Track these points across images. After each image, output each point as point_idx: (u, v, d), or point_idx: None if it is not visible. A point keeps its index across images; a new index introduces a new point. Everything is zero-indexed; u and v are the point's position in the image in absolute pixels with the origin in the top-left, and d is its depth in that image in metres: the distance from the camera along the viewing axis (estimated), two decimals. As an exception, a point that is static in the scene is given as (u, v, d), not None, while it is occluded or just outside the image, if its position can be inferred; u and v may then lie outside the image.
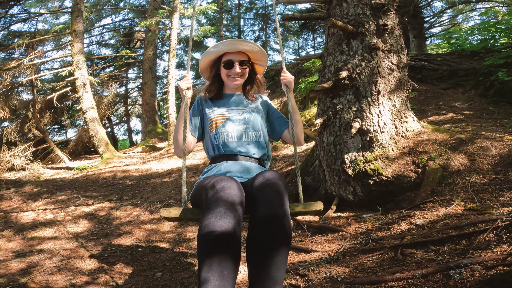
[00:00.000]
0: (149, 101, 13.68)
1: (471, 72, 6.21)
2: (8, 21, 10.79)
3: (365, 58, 3.05)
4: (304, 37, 22.24)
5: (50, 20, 14.49)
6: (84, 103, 9.11)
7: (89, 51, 15.66)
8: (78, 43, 9.29)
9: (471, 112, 4.99)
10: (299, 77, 9.23)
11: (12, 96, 9.85)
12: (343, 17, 3.23)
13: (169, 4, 13.68)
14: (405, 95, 3.19)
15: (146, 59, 13.70)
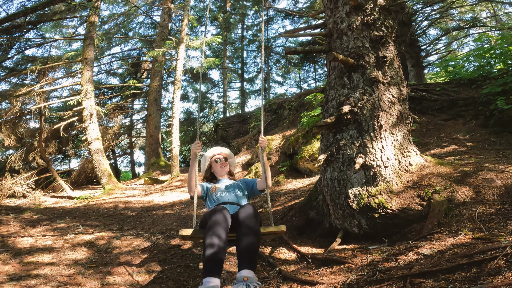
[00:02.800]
0: (153, 133, 13.78)
1: (470, 102, 6.26)
2: (23, 45, 11.09)
3: (366, 91, 3.12)
4: (305, 69, 22.65)
5: (63, 46, 14.96)
6: (90, 134, 9.21)
7: (98, 79, 16.04)
8: (88, 72, 9.57)
9: (473, 143, 5.00)
10: (301, 110, 9.35)
11: (19, 123, 9.98)
12: (343, 50, 3.33)
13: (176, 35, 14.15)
14: (407, 129, 3.22)
15: (152, 90, 13.97)
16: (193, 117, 20.95)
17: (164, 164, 13.33)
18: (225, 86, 21.23)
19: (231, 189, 2.86)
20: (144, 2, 17.66)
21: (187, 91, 20.74)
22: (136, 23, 18.10)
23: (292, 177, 6.67)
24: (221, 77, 22.37)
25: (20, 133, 9.94)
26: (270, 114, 11.97)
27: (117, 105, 14.35)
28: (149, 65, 16.23)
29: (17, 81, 11.31)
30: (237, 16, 21.48)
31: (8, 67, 11.09)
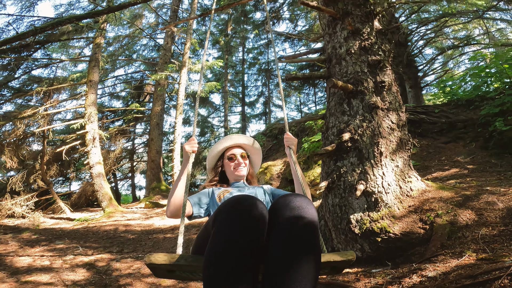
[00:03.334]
0: (154, 158, 13.82)
1: (469, 124, 6.29)
2: (30, 66, 11.22)
3: (366, 118, 3.17)
4: (306, 92, 22.75)
5: (68, 67, 15.23)
6: (92, 158, 9.26)
7: (101, 102, 16.23)
8: (92, 94, 9.73)
9: (474, 166, 5.00)
10: (302, 136, 9.41)
11: (22, 146, 10.06)
12: (342, 75, 3.41)
13: (178, 58, 14.39)
14: (407, 155, 3.25)
15: (154, 114, 14.11)
16: (194, 142, 20.98)
17: (165, 189, 13.29)
18: (226, 111, 21.37)
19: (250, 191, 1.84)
20: (148, 25, 18.23)
21: (189, 115, 20.81)
22: (140, 45, 18.57)
23: None
24: (222, 101, 22.50)
25: (23, 155, 10.00)
26: (271, 140, 12.01)
27: (119, 129, 14.46)
28: (151, 88, 16.48)
29: (22, 102, 11.45)
30: (238, 39, 21.88)
31: (15, 87, 11.25)
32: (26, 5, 11.26)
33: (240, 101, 22.95)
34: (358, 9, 3.69)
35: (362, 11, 3.70)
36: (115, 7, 4.00)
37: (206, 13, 4.29)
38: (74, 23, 7.70)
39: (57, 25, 3.90)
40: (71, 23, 4.15)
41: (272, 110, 23.16)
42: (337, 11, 3.70)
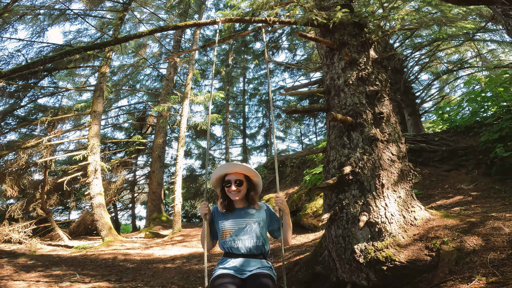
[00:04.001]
0: (155, 190, 13.81)
1: (470, 151, 6.31)
2: (36, 94, 11.45)
3: (366, 151, 3.21)
4: (306, 123, 22.78)
5: (74, 96, 15.34)
6: (93, 189, 9.26)
7: (104, 133, 16.38)
8: (95, 126, 9.86)
9: (478, 192, 4.97)
10: (303, 168, 9.49)
11: (23, 175, 10.08)
12: (341, 107, 3.47)
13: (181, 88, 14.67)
14: (409, 186, 3.26)
15: (156, 146, 14.22)
16: (195, 174, 20.87)
17: (165, 219, 13.17)
18: (227, 143, 21.45)
19: (247, 236, 2.12)
20: (152, 55, 18.79)
21: (190, 148, 20.93)
22: (144, 75, 19.03)
23: (296, 232, 6.64)
24: (224, 133, 22.56)
25: (23, 185, 10.00)
26: (272, 172, 12.06)
27: (121, 161, 14.52)
28: (154, 120, 16.70)
29: (26, 131, 11.54)
30: (238, 69, 22.36)
31: (20, 116, 11.42)
32: (37, 30, 11.74)
33: (241, 133, 23.03)
34: (354, 39, 3.84)
35: (358, 40, 3.84)
36: (122, 38, 4.16)
37: (208, 44, 4.46)
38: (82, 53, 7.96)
39: (66, 55, 4.04)
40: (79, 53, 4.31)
41: (273, 142, 23.03)
42: (334, 41, 3.85)
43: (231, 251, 2.11)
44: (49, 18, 11.73)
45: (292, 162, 11.07)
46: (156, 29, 4.08)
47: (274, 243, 6.26)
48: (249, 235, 2.12)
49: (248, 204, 2.27)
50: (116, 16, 12.59)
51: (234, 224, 2.16)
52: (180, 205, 10.17)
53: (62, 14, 11.67)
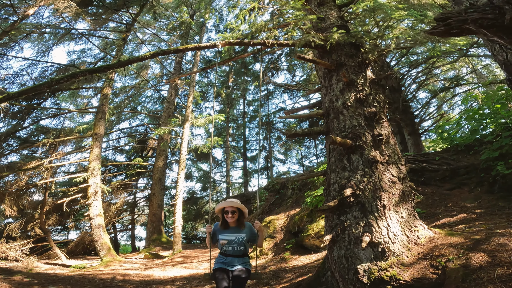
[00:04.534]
0: (156, 212, 13.73)
1: (471, 169, 6.28)
2: (39, 115, 11.49)
3: (366, 173, 3.22)
4: (306, 145, 22.60)
5: (76, 118, 15.49)
6: (93, 210, 9.21)
7: (105, 156, 16.35)
8: (97, 148, 9.88)
9: (482, 210, 4.92)
10: (305, 190, 9.53)
11: (23, 196, 10.04)
12: (341, 130, 3.49)
13: (181, 111, 14.77)
14: (411, 206, 3.25)
15: (157, 169, 14.21)
16: (196, 196, 20.71)
17: (165, 241, 13.01)
18: (228, 166, 21.39)
19: (235, 245, 3.32)
20: (153, 76, 19.07)
21: (191, 170, 20.80)
22: (145, 97, 19.18)
23: (298, 253, 6.55)
24: (224, 156, 22.47)
25: (23, 205, 9.95)
26: (273, 194, 12.08)
27: (121, 183, 14.47)
28: (155, 142, 16.74)
29: (27, 153, 11.54)
30: (239, 91, 22.53)
31: (22, 137, 11.44)
32: (42, 49, 11.98)
33: (242, 156, 22.89)
34: (351, 59, 3.92)
35: (355, 61, 3.92)
36: (125, 61, 4.25)
37: (209, 66, 4.56)
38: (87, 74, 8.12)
39: (72, 77, 4.13)
40: (84, 75, 4.40)
41: (273, 164, 22.91)
42: (331, 63, 3.92)
43: (225, 252, 3.29)
44: (54, 37, 12.00)
45: (293, 185, 11.07)
46: (158, 52, 4.18)
47: (276, 265, 6.15)
48: (236, 244, 3.29)
49: (238, 225, 3.37)
50: (119, 36, 12.91)
51: (228, 237, 3.32)
52: (180, 226, 10.07)
53: (67, 34, 11.95)
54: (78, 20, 11.22)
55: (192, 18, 14.92)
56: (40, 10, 10.51)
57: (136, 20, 12.50)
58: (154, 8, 13.63)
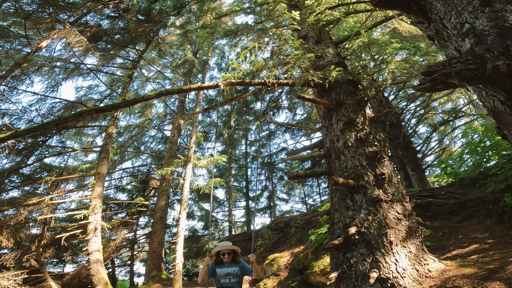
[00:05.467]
0: (156, 249, 13.42)
1: (479, 202, 6.22)
2: (43, 153, 11.53)
3: (370, 211, 3.20)
4: (309, 184, 22.28)
5: (79, 156, 15.51)
6: (92, 245, 9.03)
7: (106, 194, 16.19)
8: (99, 187, 9.87)
9: (494, 240, 4.80)
10: (308, 228, 9.42)
11: (21, 229, 9.87)
12: (343, 170, 3.51)
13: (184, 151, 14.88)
14: (419, 241, 3.19)
15: (158, 208, 14.08)
16: (197, 234, 20.28)
17: (165, 278, 12.56)
18: (230, 206, 21.13)
19: (231, 276, 3.74)
20: (157, 115, 19.43)
21: (193, 210, 20.53)
22: (149, 137, 19.34)
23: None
24: (227, 196, 22.23)
25: (20, 237, 9.78)
26: (276, 232, 11.91)
27: (122, 221, 14.25)
28: (157, 182, 16.70)
29: (29, 189, 11.41)
30: (240, 131, 22.68)
31: (25, 174, 11.37)
32: (52, 84, 12.34)
33: (244, 195, 22.64)
34: (350, 97, 4.02)
35: (353, 99, 4.02)
36: (130, 101, 4.39)
37: (211, 107, 4.71)
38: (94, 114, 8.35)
39: (79, 116, 4.26)
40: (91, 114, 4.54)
41: (276, 203, 22.54)
42: (331, 101, 4.02)
43: (222, 285, 3.65)
44: (64, 72, 12.41)
45: (296, 223, 10.97)
46: (162, 92, 4.34)
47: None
48: (232, 275, 3.71)
49: (233, 261, 3.82)
50: (125, 73, 13.37)
51: (224, 270, 3.74)
52: (181, 264, 9.75)
53: (76, 69, 12.38)
54: (87, 55, 11.67)
55: (195, 56, 15.61)
56: (53, 43, 10.87)
57: (142, 57, 13.08)
58: (160, 45, 14.32)
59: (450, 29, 1.39)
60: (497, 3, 1.15)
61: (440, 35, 1.49)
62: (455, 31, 1.35)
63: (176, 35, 17.03)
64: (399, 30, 9.14)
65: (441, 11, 1.43)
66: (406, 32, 9.56)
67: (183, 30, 14.70)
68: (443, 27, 1.44)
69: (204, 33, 5.87)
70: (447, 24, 1.40)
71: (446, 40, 1.46)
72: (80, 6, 9.65)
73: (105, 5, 10.36)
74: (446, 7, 1.40)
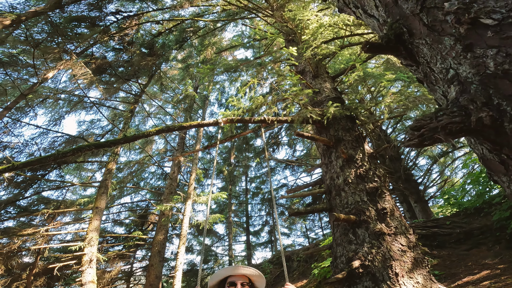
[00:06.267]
0: (153, 282, 12.94)
1: (485, 230, 6.20)
2: (42, 186, 11.39)
3: (374, 245, 3.15)
4: (311, 219, 22.08)
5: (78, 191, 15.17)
6: (86, 276, 8.79)
7: (104, 228, 15.92)
8: (96, 221, 9.73)
9: (505, 265, 4.71)
10: (311, 262, 9.22)
11: (13, 257, 9.62)
12: (344, 206, 3.49)
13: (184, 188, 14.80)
14: (426, 271, 3.09)
15: (156, 242, 13.80)
16: (196, 268, 19.76)
17: (163, 311, 11.94)
18: (230, 240, 20.78)
19: None
20: (157, 152, 19.49)
21: (192, 244, 20.28)
22: (148, 173, 19.17)
23: None
24: (227, 231, 21.98)
25: (11, 265, 9.55)
26: (278, 267, 11.60)
27: (118, 253, 13.89)
28: (155, 217, 16.50)
29: (24, 220, 11.19)
30: (241, 168, 22.75)
31: (22, 205, 11.19)
32: (55, 117, 12.41)
33: (245, 230, 22.44)
34: (348, 133, 4.08)
35: (352, 135, 4.07)
36: (131, 137, 4.43)
37: (211, 145, 4.75)
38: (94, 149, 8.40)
39: (78, 151, 4.28)
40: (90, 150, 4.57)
41: (277, 238, 22.23)
42: (329, 138, 4.08)
43: None
44: (68, 105, 12.55)
45: (298, 257, 10.77)
46: (163, 129, 4.39)
47: None
48: None
49: None
50: (127, 108, 13.58)
51: None
52: (179, 298, 9.37)
53: (80, 102, 12.53)
54: (91, 88, 11.86)
55: (196, 90, 15.93)
56: (59, 74, 11.08)
57: (144, 91, 13.36)
58: (162, 79, 14.69)
59: (437, 73, 1.43)
60: (478, 48, 1.17)
61: (428, 78, 1.54)
62: (441, 75, 1.39)
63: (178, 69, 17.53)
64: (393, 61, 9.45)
65: (428, 55, 1.48)
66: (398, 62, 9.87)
67: (184, 64, 15.15)
68: (431, 71, 1.49)
69: (205, 69, 6.07)
70: (434, 68, 1.45)
71: (434, 84, 1.50)
72: (87, 37, 9.96)
73: (111, 37, 10.71)
74: (432, 51, 1.43)
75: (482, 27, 1.19)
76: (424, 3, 1.46)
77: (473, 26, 1.21)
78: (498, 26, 1.14)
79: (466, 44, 1.22)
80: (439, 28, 1.37)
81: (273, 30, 9.12)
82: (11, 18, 6.89)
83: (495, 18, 1.16)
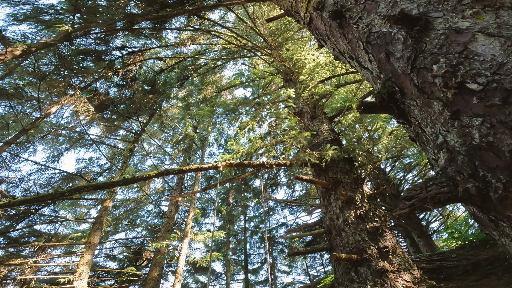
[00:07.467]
0: None
1: (493, 260, 6.09)
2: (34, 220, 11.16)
3: (377, 283, 3.09)
4: (312, 256, 21.66)
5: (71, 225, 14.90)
6: (74, 308, 8.35)
7: (95, 262, 15.32)
8: (88, 255, 9.46)
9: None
10: None
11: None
12: (344, 246, 3.48)
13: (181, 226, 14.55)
14: None
15: (150, 279, 13.31)
16: (192, 306, 18.95)
17: None
18: (228, 279, 20.14)
19: None
20: (155, 191, 19.28)
21: (188, 282, 19.59)
22: (145, 211, 18.91)
23: None
24: (224, 269, 21.46)
25: None
26: None
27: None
28: (150, 254, 16.04)
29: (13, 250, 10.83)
30: (239, 207, 22.63)
31: (12, 237, 10.85)
32: (54, 154, 12.37)
33: (243, 268, 21.88)
34: (347, 176, 4.13)
35: (350, 177, 4.12)
36: (130, 179, 4.44)
37: (209, 187, 4.80)
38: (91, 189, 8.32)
39: (76, 191, 4.28)
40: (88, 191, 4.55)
41: (277, 276, 21.76)
42: (328, 181, 4.12)
43: None
44: (68, 142, 12.57)
45: None
46: (162, 172, 4.42)
47: None
48: None
49: None
50: (126, 146, 13.62)
51: None
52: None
53: (80, 139, 12.57)
54: (92, 125, 11.96)
55: (196, 130, 16.10)
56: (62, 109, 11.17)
57: (144, 130, 13.49)
58: (162, 118, 14.84)
59: (428, 135, 1.46)
60: (465, 116, 1.18)
61: (420, 138, 1.59)
62: (432, 138, 1.43)
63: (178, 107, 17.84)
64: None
65: (419, 117, 1.49)
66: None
67: (185, 103, 15.47)
68: (422, 131, 1.52)
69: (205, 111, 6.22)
70: (425, 129, 1.48)
71: (425, 144, 1.55)
72: (93, 71, 10.14)
73: (114, 73, 10.95)
74: (423, 114, 1.45)
75: (468, 92, 1.18)
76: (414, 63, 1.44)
77: (460, 91, 1.20)
78: (483, 92, 1.13)
79: (454, 111, 1.22)
80: (429, 91, 1.36)
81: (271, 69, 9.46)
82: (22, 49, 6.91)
83: (480, 82, 1.14)
